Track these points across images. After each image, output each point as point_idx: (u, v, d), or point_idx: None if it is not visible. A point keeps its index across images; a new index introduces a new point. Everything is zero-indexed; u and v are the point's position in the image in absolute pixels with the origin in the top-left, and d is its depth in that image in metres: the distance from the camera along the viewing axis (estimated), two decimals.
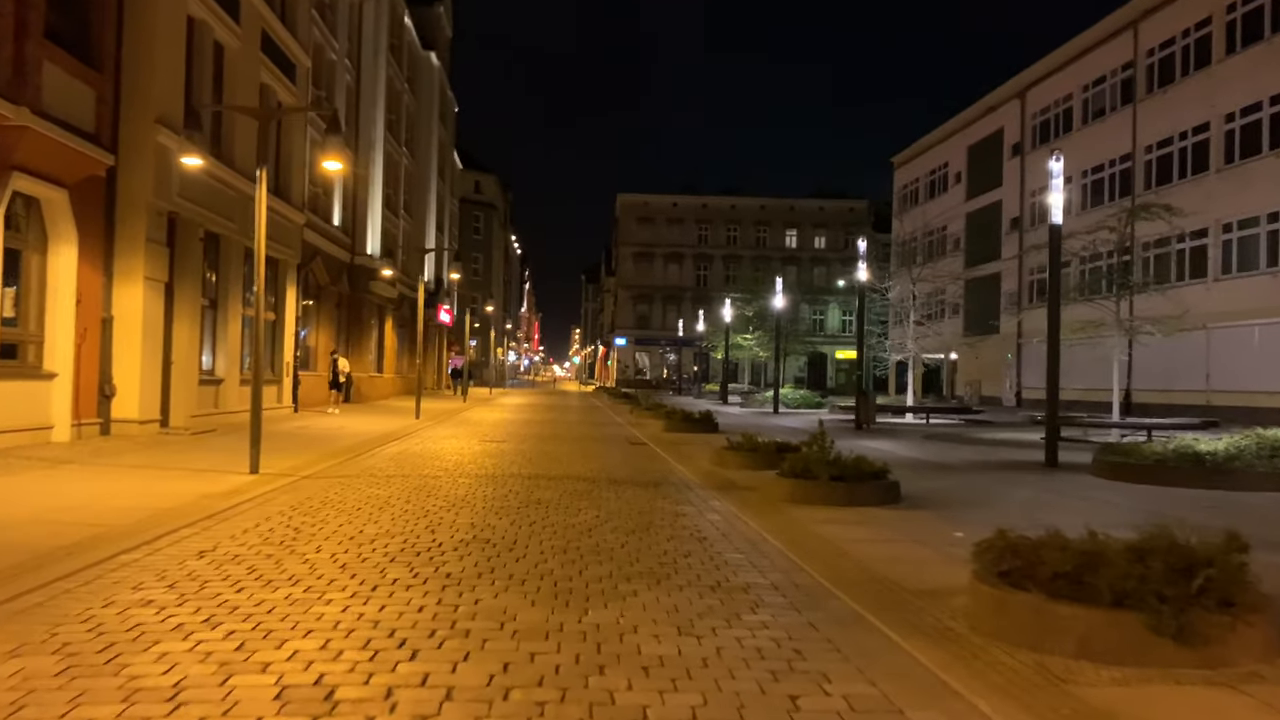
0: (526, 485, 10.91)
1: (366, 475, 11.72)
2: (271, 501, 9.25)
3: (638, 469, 13.33)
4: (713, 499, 10.29)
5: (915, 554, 7.27)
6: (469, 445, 16.76)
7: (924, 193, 54.19)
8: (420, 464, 13.23)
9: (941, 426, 25.99)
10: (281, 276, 23.19)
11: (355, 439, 17.31)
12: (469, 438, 18.63)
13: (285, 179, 23.16)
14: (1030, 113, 42.28)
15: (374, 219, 32.69)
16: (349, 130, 30.96)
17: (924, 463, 14.99)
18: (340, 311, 30.97)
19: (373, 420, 22.99)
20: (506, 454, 15.12)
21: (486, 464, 13.33)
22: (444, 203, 51.55)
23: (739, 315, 48.91)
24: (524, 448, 16.41)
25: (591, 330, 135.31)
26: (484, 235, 78.98)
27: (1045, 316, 38.16)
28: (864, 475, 10.15)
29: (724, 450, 14.01)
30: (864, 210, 78.79)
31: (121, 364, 15.45)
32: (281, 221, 22.43)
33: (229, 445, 15.16)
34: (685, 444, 17.92)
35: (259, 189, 11.77)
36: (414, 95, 42.93)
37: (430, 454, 14.88)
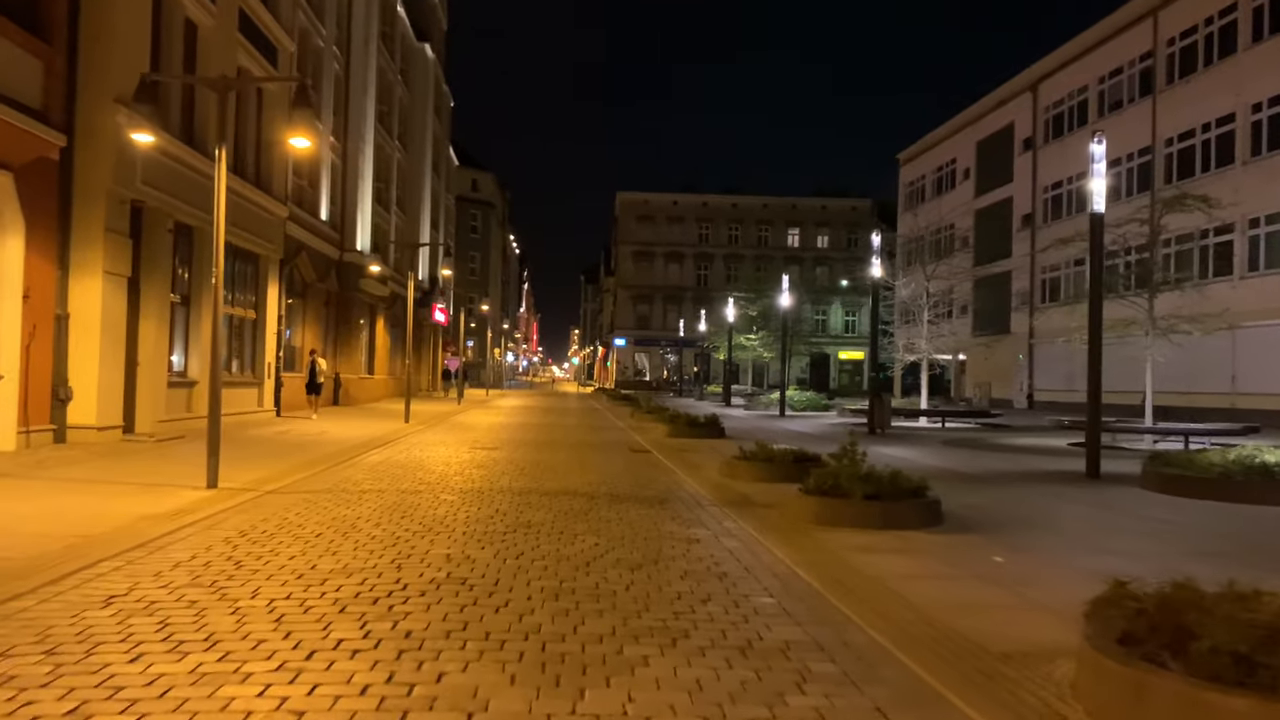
0: (517, 503, 9.65)
1: (338, 490, 10.46)
2: (220, 525, 7.99)
3: (641, 481, 12.07)
4: (728, 519, 9.03)
5: (983, 596, 6.02)
6: (458, 453, 15.49)
7: (930, 190, 52.95)
8: (401, 476, 11.97)
9: (958, 431, 24.74)
10: (262, 272, 21.93)
11: (336, 446, 16.06)
12: (459, 445, 17.37)
13: (266, 169, 21.89)
14: (1043, 106, 41.04)
15: (364, 214, 31.43)
16: (337, 120, 29.72)
17: (954, 474, 13.74)
18: (328, 310, 29.71)
19: (358, 425, 21.72)
20: (498, 464, 13.86)
21: (474, 476, 12.07)
22: (439, 199, 50.29)
23: (742, 315, 47.67)
24: (517, 456, 15.15)
25: (590, 331, 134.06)
26: (481, 234, 77.77)
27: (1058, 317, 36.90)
28: (901, 493, 8.90)
29: (735, 460, 12.76)
30: (867, 209, 77.58)
31: (78, 365, 14.18)
32: (261, 214, 21.19)
33: (195, 454, 13.84)
34: (691, 451, 16.67)
35: (218, 168, 10.53)
36: (407, 88, 41.68)
37: (414, 464, 13.62)
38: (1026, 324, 41.87)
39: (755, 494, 10.88)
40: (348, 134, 30.54)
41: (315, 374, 23.70)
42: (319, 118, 27.50)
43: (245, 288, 21.29)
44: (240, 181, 19.81)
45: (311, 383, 23.72)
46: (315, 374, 23.70)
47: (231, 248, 20.09)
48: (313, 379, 23.73)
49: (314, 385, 23.72)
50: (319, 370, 23.73)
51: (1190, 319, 19.50)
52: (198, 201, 17.62)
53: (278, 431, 18.59)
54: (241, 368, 21.22)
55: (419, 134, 43.51)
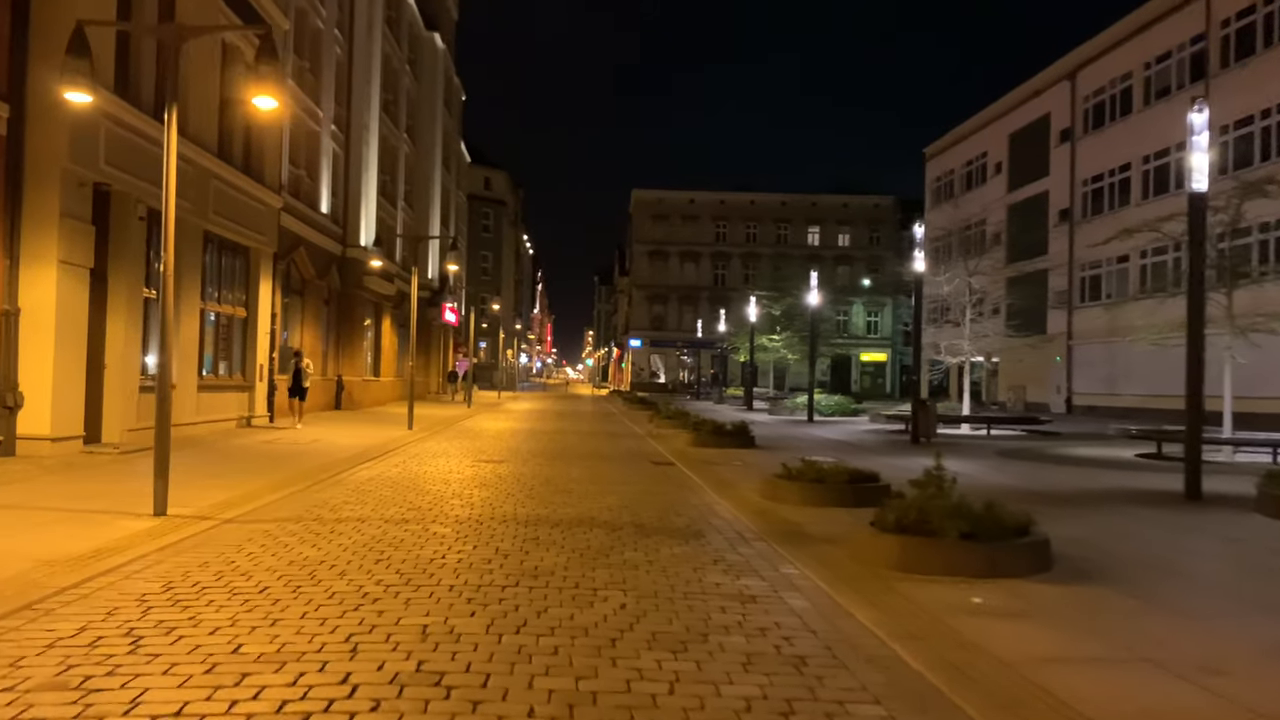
0: (521, 540, 7.88)
1: (310, 518, 8.73)
2: (143, 573, 6.28)
3: (669, 505, 10.30)
4: (785, 562, 7.26)
5: (1170, 696, 4.25)
6: (460, 468, 13.76)
7: (959, 185, 50.92)
8: (389, 499, 10.24)
9: (1007, 439, 22.85)
10: (254, 267, 20.27)
11: (325, 458, 14.36)
12: (462, 456, 15.64)
13: (257, 156, 20.24)
14: (1082, 95, 39.02)
15: (368, 208, 29.79)
16: (339, 108, 28.09)
17: (1026, 494, 11.90)
18: (330, 309, 28.07)
19: (357, 432, 20.04)
20: (503, 481, 12.11)
21: (475, 499, 10.32)
22: (449, 196, 48.66)
23: (764, 315, 45.80)
24: (526, 471, 13.40)
25: (605, 332, 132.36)
26: (494, 233, 76.15)
27: (1100, 316, 34.91)
28: (1003, 531, 7.11)
29: (777, 479, 10.96)
30: (890, 206, 75.53)
31: (30, 367, 12.53)
32: (251, 203, 19.54)
33: None
34: (720, 464, 14.89)
35: (168, 131, 8.87)
36: (416, 78, 40.05)
37: (408, 481, 11.89)
38: (1064, 324, 39.91)
39: (807, 523, 9.11)
40: (350, 122, 28.91)
41: (300, 377, 20.94)
42: (318, 103, 25.90)
43: (234, 283, 19.64)
44: (227, 167, 18.17)
45: (296, 387, 20.91)
46: (300, 377, 20.94)
47: (218, 240, 18.49)
48: (297, 383, 20.92)
49: (299, 390, 20.94)
50: (304, 373, 21.05)
51: (1272, 316, 17.58)
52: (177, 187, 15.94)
53: (264, 441, 16.92)
54: (230, 370, 19.57)
55: (428, 127, 41.89)
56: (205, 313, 18.20)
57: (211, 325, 18.77)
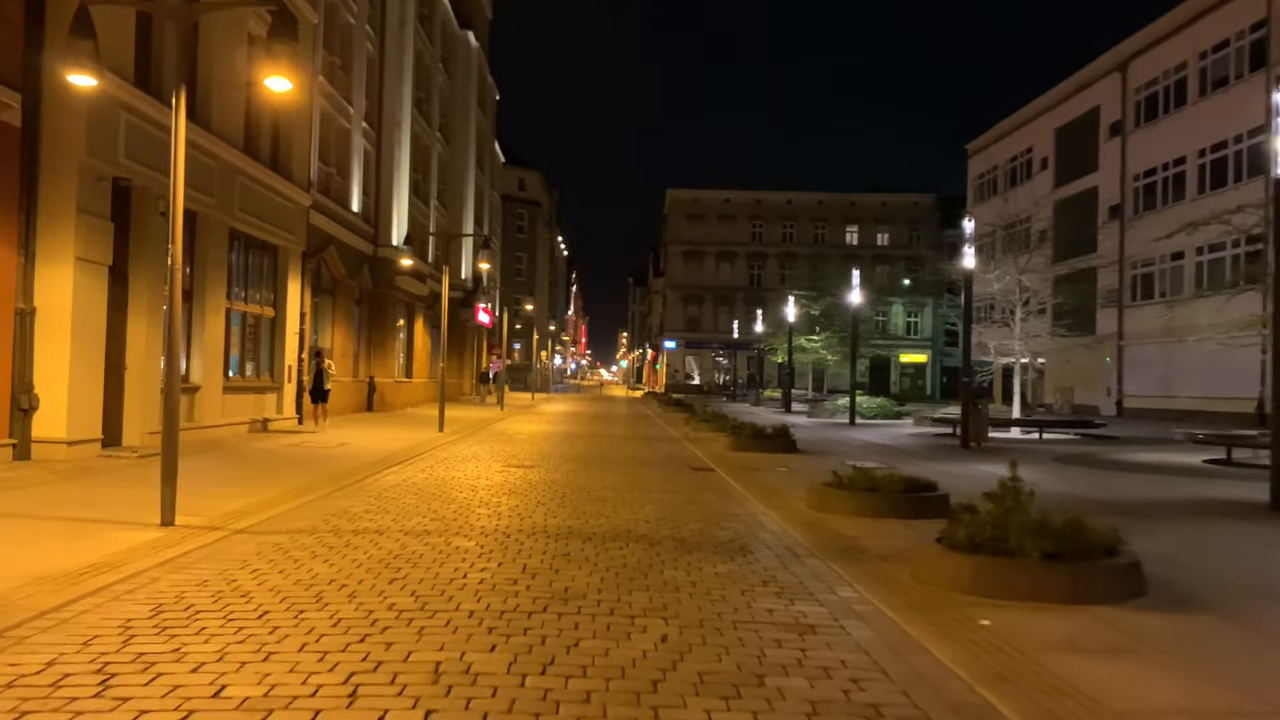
0: (550, 555, 7.22)
1: (326, 530, 8.14)
2: (136, 593, 5.70)
3: (711, 516, 9.59)
4: (843, 584, 6.53)
5: None
6: (489, 473, 13.14)
7: (1003, 181, 49.63)
8: (412, 508, 9.63)
9: (1061, 443, 21.85)
10: (282, 265, 19.86)
11: (351, 462, 13.83)
12: (493, 460, 15.04)
13: (285, 150, 19.82)
14: (1133, 87, 37.71)
15: (400, 206, 29.38)
16: (371, 105, 27.69)
17: (1097, 504, 11.05)
18: (361, 309, 27.68)
19: (386, 434, 19.53)
20: (534, 488, 11.47)
21: (503, 509, 9.67)
22: (483, 196, 48.28)
23: (803, 315, 44.87)
24: (558, 477, 12.76)
25: (639, 333, 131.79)
26: (528, 234, 75.87)
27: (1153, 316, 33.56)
28: (1090, 550, 6.32)
29: (826, 488, 10.21)
30: (930, 204, 74.12)
31: (46, 368, 12.11)
32: (279, 201, 19.11)
33: (181, 475, 11.73)
34: (762, 470, 14.16)
35: (176, 115, 8.26)
36: (449, 77, 39.67)
37: (434, 488, 11.29)
38: (1114, 324, 38.62)
39: (862, 537, 8.38)
40: (382, 120, 28.50)
41: (322, 379, 20.14)
42: (349, 99, 25.50)
43: (261, 282, 19.23)
44: (254, 164, 17.75)
45: (317, 389, 20.13)
46: (322, 379, 20.14)
47: (245, 238, 18.07)
48: (318, 385, 20.13)
49: (320, 392, 20.15)
50: (326, 374, 20.27)
51: None
52: (200, 182, 15.56)
53: (290, 444, 16.44)
54: (257, 371, 19.16)
55: (462, 126, 41.51)
56: (231, 312, 17.78)
57: (238, 325, 18.36)
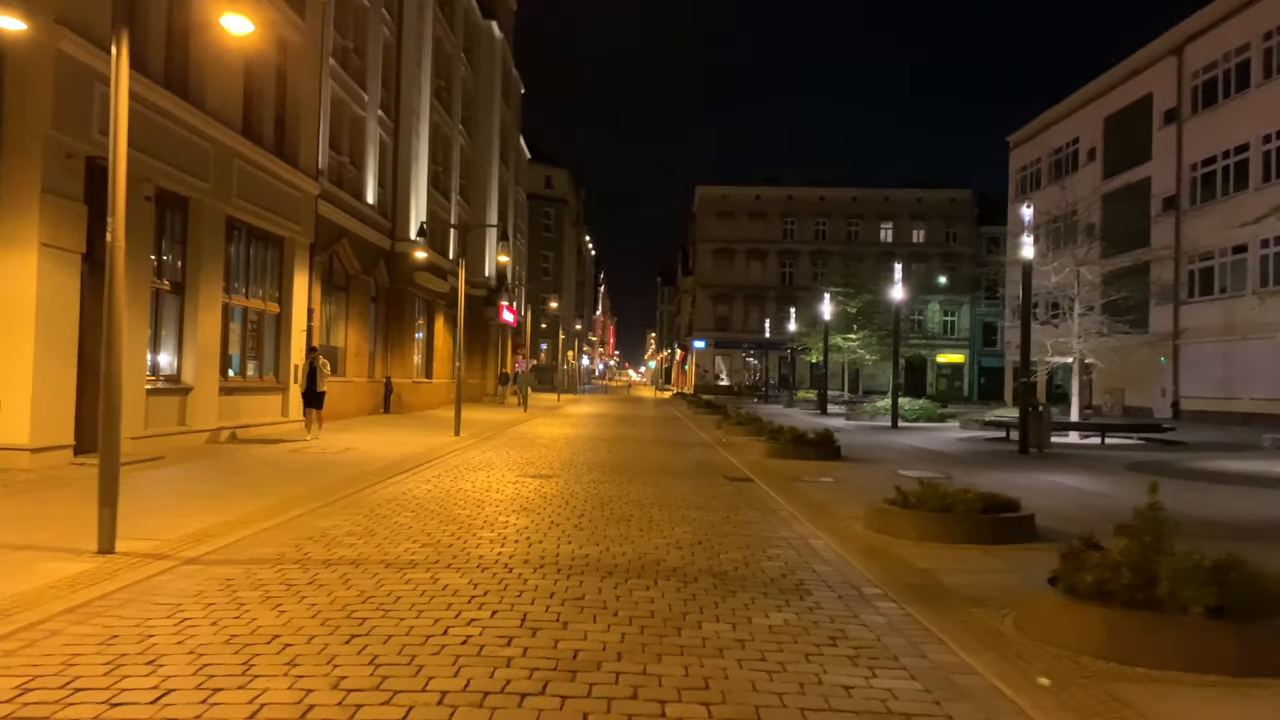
0: (559, 600, 5.78)
1: (292, 559, 6.78)
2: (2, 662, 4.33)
3: (754, 540, 8.13)
4: (930, 643, 5.05)
5: None
6: (501, 484, 11.75)
7: (1047, 174, 47.60)
8: (404, 528, 8.25)
9: (1127, 449, 20.13)
10: (288, 258, 18.62)
11: (351, 470, 12.51)
12: (508, 468, 13.65)
13: (292, 135, 18.59)
14: (1190, 71, 35.69)
15: (418, 199, 28.13)
16: (386, 92, 26.45)
17: (1199, 523, 9.44)
18: (378, 307, 26.45)
19: (397, 438, 18.23)
20: (549, 504, 10.07)
21: (508, 532, 8.26)
22: (507, 191, 47.01)
23: (839, 312, 43.17)
24: (578, 489, 11.34)
25: (667, 333, 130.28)
26: (555, 233, 74.59)
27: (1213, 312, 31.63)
28: (1263, 602, 4.80)
29: (889, 507, 8.72)
30: (967, 200, 72.07)
31: (6, 367, 10.88)
32: (283, 189, 17.87)
33: (154, 486, 10.48)
34: (806, 480, 12.68)
35: (116, 64, 6.90)
36: (472, 69, 38.45)
37: (435, 503, 9.91)
38: (1169, 321, 36.58)
39: (940, 570, 6.91)
40: (399, 108, 27.26)
41: (315, 380, 17.21)
42: (363, 85, 24.27)
43: (265, 276, 18.01)
44: (254, 147, 16.51)
45: (310, 391, 17.25)
46: (315, 380, 17.21)
47: (247, 228, 16.86)
48: (311, 386, 17.23)
49: (313, 394, 17.25)
50: (320, 374, 17.31)
51: None
52: (191, 165, 14.34)
53: (290, 450, 15.16)
54: (260, 370, 17.93)
55: (486, 120, 40.26)
56: (230, 307, 16.55)
57: (238, 321, 17.13)
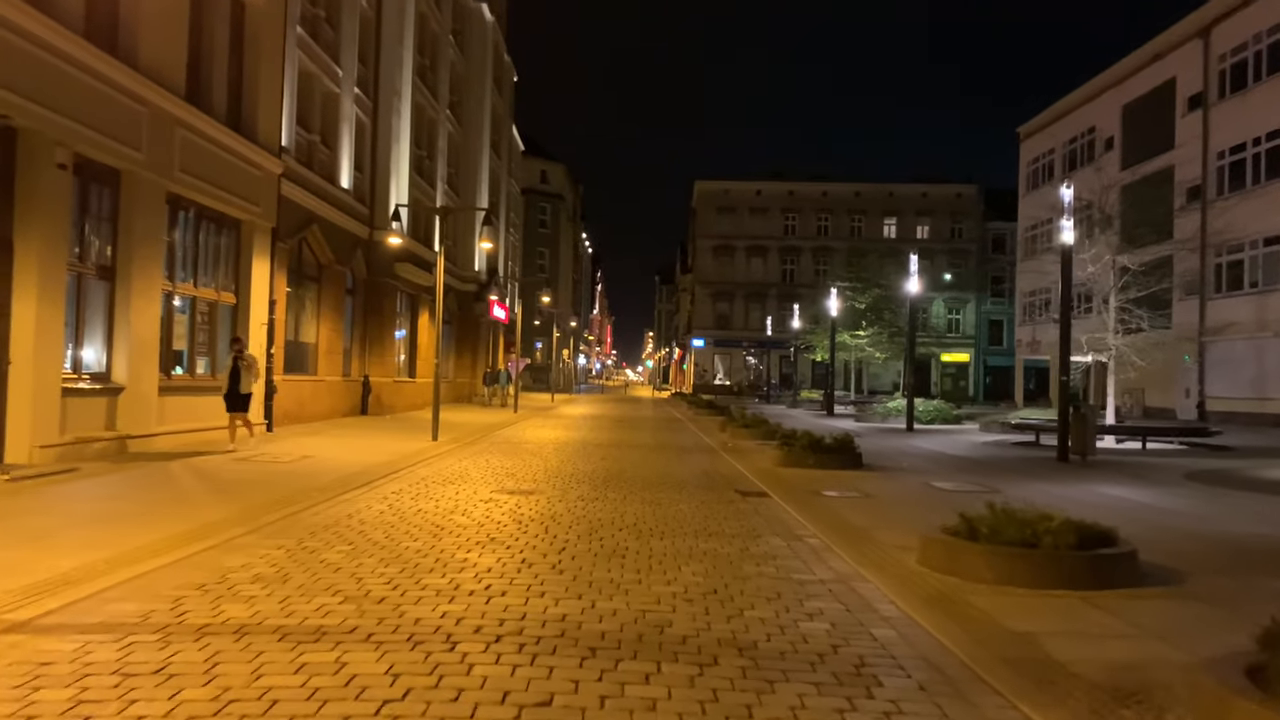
0: (516, 700, 3.91)
1: (153, 625, 4.91)
2: None
3: (785, 586, 6.28)
4: None
5: None
6: (471, 502, 9.88)
7: (1061, 166, 45.78)
8: (329, 570, 6.39)
9: (1173, 455, 18.31)
10: (245, 243, 16.75)
11: (299, 483, 10.65)
12: (484, 480, 11.78)
13: (250, 106, 16.71)
14: (1217, 54, 33.86)
15: (399, 185, 26.24)
16: (364, 69, 24.57)
17: None
18: (355, 300, 24.57)
19: (367, 444, 16.37)
20: (525, 530, 8.20)
21: (465, 577, 6.38)
22: (499, 182, 45.13)
23: (846, 308, 41.32)
24: (561, 510, 9.48)
25: (665, 332, 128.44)
26: (551, 229, 72.75)
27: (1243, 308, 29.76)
28: None
29: (953, 541, 6.88)
30: (973, 196, 70.27)
31: None
32: (238, 165, 16.00)
33: (44, 506, 8.61)
34: (829, 493, 10.83)
35: None
36: (461, 52, 36.57)
37: (385, 529, 8.05)
38: (1194, 318, 34.74)
39: (1043, 631, 5.12)
40: (379, 87, 25.38)
41: (237, 379, 13.81)
42: (337, 60, 22.38)
43: (218, 262, 16.13)
44: (202, 116, 14.64)
45: (233, 393, 13.83)
46: (237, 379, 13.81)
47: (195, 207, 15.00)
48: (234, 387, 13.82)
49: (236, 397, 13.86)
50: (245, 371, 13.88)
51: None
52: (122, 131, 12.48)
53: (240, 457, 13.27)
54: (214, 368, 16.04)
55: (476, 106, 38.39)
56: (174, 296, 14.68)
57: (185, 313, 15.25)
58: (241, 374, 13.92)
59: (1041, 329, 46.59)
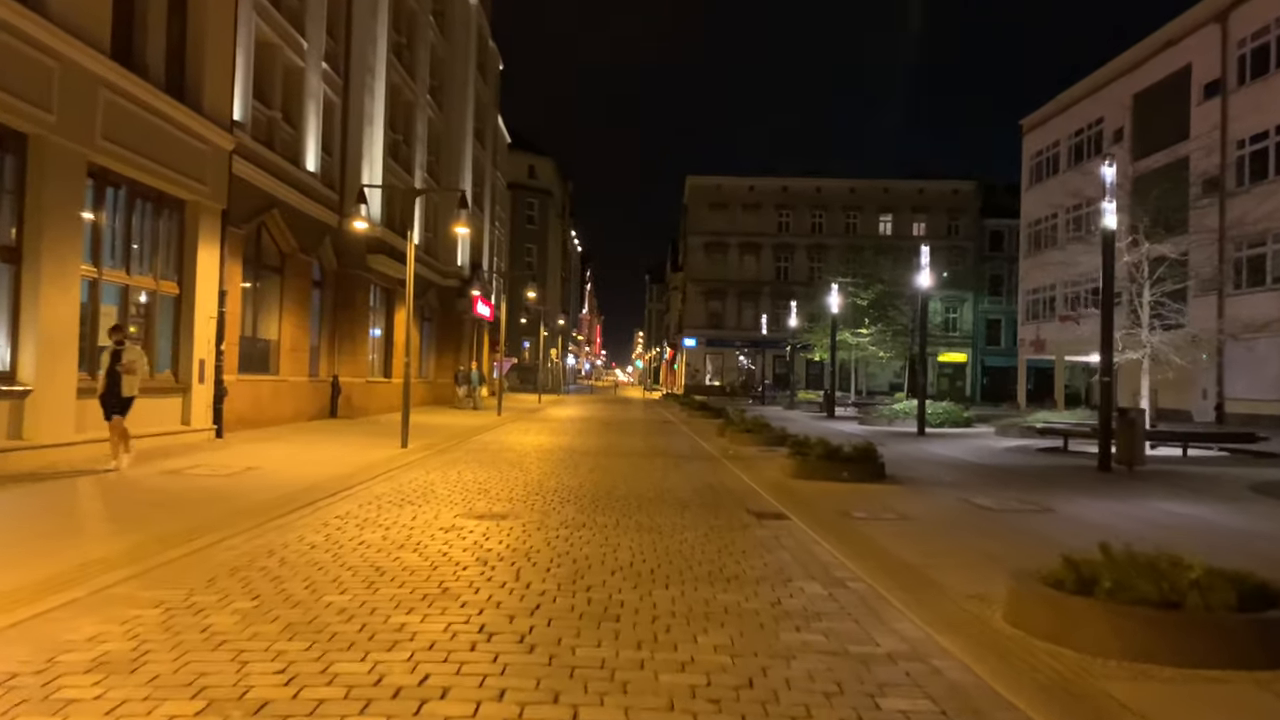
0: None
1: None
2: None
3: (843, 663, 4.51)
4: None
5: None
6: (427, 531, 8.09)
7: (1066, 159, 44.25)
8: (204, 647, 4.60)
9: (1219, 463, 16.65)
10: (190, 225, 14.93)
11: (231, 504, 8.86)
12: (449, 499, 9.99)
13: (194, 72, 14.88)
14: (1236, 39, 32.31)
15: (372, 169, 24.37)
16: (333, 44, 22.71)
17: None
18: (323, 293, 22.71)
19: (326, 453, 14.54)
20: (488, 575, 6.43)
21: (395, 656, 4.61)
22: (484, 173, 43.28)
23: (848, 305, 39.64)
24: (537, 541, 7.70)
25: (656, 332, 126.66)
26: (539, 225, 70.88)
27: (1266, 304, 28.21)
28: None
29: (1059, 596, 5.14)
30: (971, 192, 68.79)
31: None
32: (179, 136, 14.18)
33: None
34: (860, 517, 9.06)
35: None
36: (442, 34, 34.72)
37: (305, 575, 6.26)
38: (1212, 315, 33.13)
39: None
40: (350, 64, 23.53)
41: (117, 380, 11.01)
42: (302, 31, 20.52)
43: (156, 247, 14.28)
44: (133, 78, 12.81)
45: (110, 393, 11.00)
46: (117, 380, 11.01)
47: (127, 183, 13.17)
48: (112, 388, 11.00)
49: (116, 399, 11.00)
50: (126, 369, 11.02)
51: None
52: (26, 89, 10.67)
53: (169, 471, 11.44)
54: (150, 367, 14.19)
55: (459, 92, 36.53)
56: (101, 284, 12.85)
57: (115, 303, 13.40)
58: (118, 370, 11.00)
59: (1046, 328, 45.05)
